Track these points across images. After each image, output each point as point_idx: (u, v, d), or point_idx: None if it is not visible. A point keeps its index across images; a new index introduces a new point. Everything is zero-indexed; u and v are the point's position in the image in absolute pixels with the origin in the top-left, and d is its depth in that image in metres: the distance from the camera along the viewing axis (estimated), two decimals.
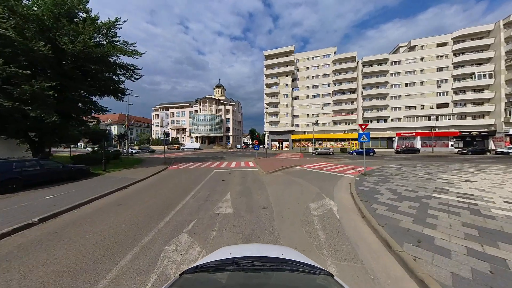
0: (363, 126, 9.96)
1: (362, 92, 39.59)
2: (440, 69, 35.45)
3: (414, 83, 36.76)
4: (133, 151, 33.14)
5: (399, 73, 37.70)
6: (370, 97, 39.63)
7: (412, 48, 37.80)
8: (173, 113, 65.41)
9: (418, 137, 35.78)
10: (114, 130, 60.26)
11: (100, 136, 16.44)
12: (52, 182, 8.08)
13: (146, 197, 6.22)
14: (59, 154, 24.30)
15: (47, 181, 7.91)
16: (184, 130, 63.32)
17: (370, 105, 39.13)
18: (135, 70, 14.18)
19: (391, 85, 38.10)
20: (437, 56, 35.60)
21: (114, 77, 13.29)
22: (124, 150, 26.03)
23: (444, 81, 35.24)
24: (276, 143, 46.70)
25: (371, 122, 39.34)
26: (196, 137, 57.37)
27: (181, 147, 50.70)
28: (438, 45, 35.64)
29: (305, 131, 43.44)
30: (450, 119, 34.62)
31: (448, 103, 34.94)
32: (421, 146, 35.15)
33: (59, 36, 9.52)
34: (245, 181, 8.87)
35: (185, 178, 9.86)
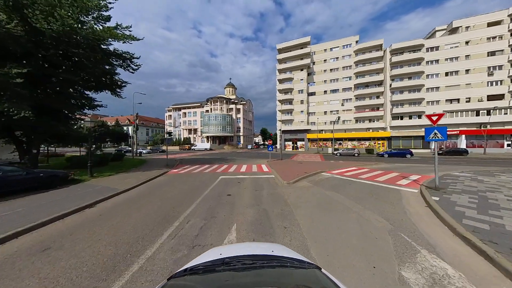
0: (435, 118, 6.72)
1: (390, 85, 34.62)
2: (492, 53, 29.36)
3: (457, 72, 31.01)
4: (143, 151, 32.25)
5: (437, 61, 32.16)
6: (400, 90, 34.53)
7: (453, 31, 32.00)
8: (185, 113, 65.19)
9: (463, 136, 30.06)
10: (130, 130, 61.67)
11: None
12: (9, 193, 6.21)
13: (101, 233, 3.85)
14: (70, 155, 23.92)
15: (1, 193, 6.06)
16: (195, 130, 62.67)
17: (401, 99, 34.04)
18: (132, 60, 12.35)
19: (427, 75, 32.67)
20: (488, 38, 29.53)
21: (106, 66, 11.49)
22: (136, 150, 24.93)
23: (497, 67, 29.10)
24: (290, 143, 43.34)
25: (401, 118, 34.29)
26: (207, 137, 56.16)
27: (192, 147, 49.74)
28: (489, 24, 29.55)
29: (322, 130, 39.54)
30: (506, 114, 28.43)
31: (504, 94, 28.77)
32: (467, 146, 29.42)
33: (29, 11, 7.71)
34: (260, 197, 6.20)
35: (180, 189, 7.50)
